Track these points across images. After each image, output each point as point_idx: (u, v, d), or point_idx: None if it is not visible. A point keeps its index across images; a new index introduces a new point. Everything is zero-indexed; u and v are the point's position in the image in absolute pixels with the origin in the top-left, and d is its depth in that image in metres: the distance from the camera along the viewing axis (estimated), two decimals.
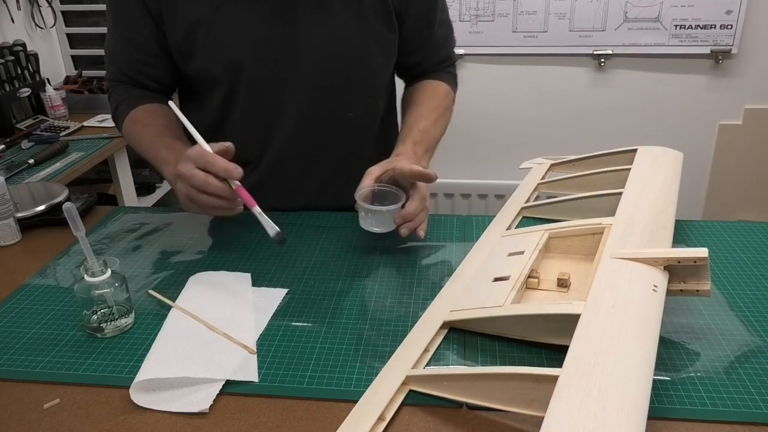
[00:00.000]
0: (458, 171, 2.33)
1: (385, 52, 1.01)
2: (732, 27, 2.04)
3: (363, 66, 0.99)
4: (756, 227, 0.95)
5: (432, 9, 1.03)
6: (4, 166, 1.57)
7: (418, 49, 1.06)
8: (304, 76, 0.96)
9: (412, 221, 0.85)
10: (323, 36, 0.94)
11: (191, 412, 0.61)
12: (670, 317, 0.73)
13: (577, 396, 0.50)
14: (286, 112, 0.99)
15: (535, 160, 1.15)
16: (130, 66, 1.01)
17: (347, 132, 1.03)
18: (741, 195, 2.28)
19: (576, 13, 2.08)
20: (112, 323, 0.73)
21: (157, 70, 1.01)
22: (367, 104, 1.04)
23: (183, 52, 0.96)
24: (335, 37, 0.95)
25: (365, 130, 1.06)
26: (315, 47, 0.95)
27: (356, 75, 0.99)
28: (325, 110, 1.00)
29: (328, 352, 0.69)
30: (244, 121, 1.00)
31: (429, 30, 1.05)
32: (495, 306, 0.69)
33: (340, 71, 0.98)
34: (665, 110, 2.19)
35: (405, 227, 0.85)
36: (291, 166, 1.04)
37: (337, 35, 0.95)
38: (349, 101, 1.01)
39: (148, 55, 0.99)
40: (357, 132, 1.05)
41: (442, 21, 1.07)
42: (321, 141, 1.02)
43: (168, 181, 0.90)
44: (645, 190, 0.85)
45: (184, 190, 0.81)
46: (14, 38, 2.02)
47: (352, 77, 0.99)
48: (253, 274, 0.85)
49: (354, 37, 0.96)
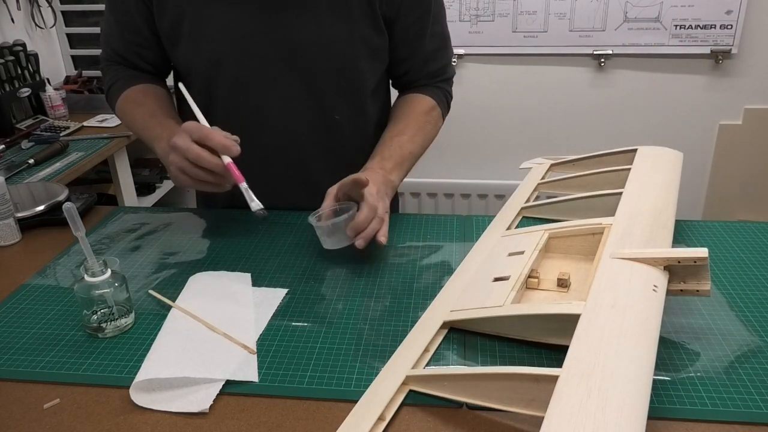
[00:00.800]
0: (458, 171, 2.33)
1: (373, 57, 1.00)
2: (732, 27, 2.04)
3: (349, 68, 0.99)
4: (756, 227, 0.95)
5: (423, 18, 1.01)
6: (4, 166, 1.57)
7: (407, 57, 1.05)
8: (290, 77, 0.96)
9: (365, 230, 0.82)
10: (310, 36, 0.94)
11: (191, 412, 0.61)
12: (670, 317, 0.73)
13: (577, 396, 0.50)
14: (270, 113, 0.99)
15: (535, 160, 1.15)
16: (125, 48, 1.03)
17: (334, 135, 1.03)
18: (741, 195, 2.28)
19: (576, 13, 2.08)
20: (112, 323, 0.73)
21: (150, 53, 1.03)
22: (355, 108, 1.03)
23: (170, 40, 0.98)
24: (322, 38, 0.95)
25: (354, 134, 1.05)
26: (301, 48, 0.95)
27: (343, 77, 0.99)
28: (311, 112, 1.00)
29: (328, 352, 0.69)
30: (226, 119, 0.99)
31: (419, 40, 1.03)
32: (495, 306, 0.69)
33: (326, 72, 0.97)
34: (665, 110, 2.19)
35: (360, 238, 0.81)
36: (277, 168, 1.04)
37: (324, 36, 0.95)
38: (334, 103, 1.00)
39: (142, 38, 1.01)
40: (345, 135, 1.04)
41: (435, 33, 1.04)
42: (307, 143, 1.02)
43: (160, 156, 0.91)
44: (645, 190, 0.85)
45: (177, 162, 0.82)
46: (14, 38, 2.02)
47: (339, 79, 0.99)
48: (253, 274, 0.85)
49: (341, 39, 0.95)
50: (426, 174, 2.28)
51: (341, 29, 0.95)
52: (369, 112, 1.07)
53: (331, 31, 0.94)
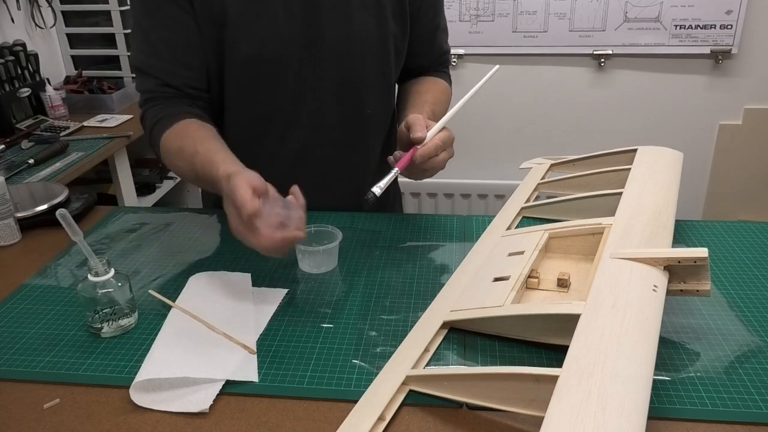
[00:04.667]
0: (458, 171, 2.33)
1: (398, 53, 1.04)
2: (732, 27, 2.04)
3: (382, 63, 1.01)
4: (756, 227, 0.95)
5: (438, 14, 1.07)
6: (4, 166, 1.57)
7: (423, 52, 1.09)
8: (325, 74, 0.97)
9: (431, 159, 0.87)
10: (344, 34, 0.96)
11: (191, 412, 0.61)
12: (670, 317, 0.73)
13: (577, 396, 0.50)
14: (303, 111, 1.00)
15: (535, 160, 1.15)
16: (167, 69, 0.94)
17: (365, 130, 1.05)
18: (741, 195, 2.28)
19: (576, 13, 2.08)
20: (114, 323, 0.73)
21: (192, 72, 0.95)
22: (383, 101, 1.06)
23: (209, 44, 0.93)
24: (355, 35, 0.96)
25: (381, 128, 1.08)
26: (336, 44, 0.96)
27: (375, 72, 1.01)
28: (343, 108, 1.01)
29: (328, 352, 0.69)
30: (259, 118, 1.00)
31: (434, 35, 1.09)
32: (495, 306, 0.69)
33: (360, 69, 0.99)
34: (665, 110, 2.19)
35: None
36: (309, 166, 1.04)
37: (357, 33, 0.96)
38: (368, 99, 1.02)
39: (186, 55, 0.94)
40: (374, 130, 1.07)
41: (444, 26, 1.11)
42: (340, 138, 1.03)
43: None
44: (645, 190, 0.85)
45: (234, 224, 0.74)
46: (14, 38, 2.02)
47: (372, 74, 1.01)
48: (253, 274, 0.85)
49: (373, 36, 0.98)
50: None
51: (373, 26, 0.97)
52: (392, 106, 1.10)
53: (366, 30, 0.97)
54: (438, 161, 0.89)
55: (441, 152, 0.89)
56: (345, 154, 1.05)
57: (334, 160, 1.04)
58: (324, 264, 0.86)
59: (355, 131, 1.04)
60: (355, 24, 0.96)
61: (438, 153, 0.88)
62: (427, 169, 0.89)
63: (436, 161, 0.88)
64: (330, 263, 0.86)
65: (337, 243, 0.85)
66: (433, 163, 0.88)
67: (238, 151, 0.85)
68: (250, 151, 1.01)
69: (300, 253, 0.86)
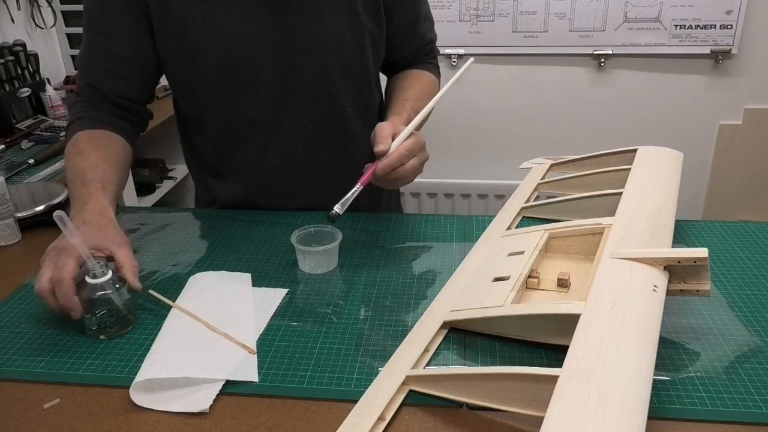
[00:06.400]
0: (458, 171, 2.33)
1: (375, 48, 1.02)
2: (732, 27, 2.04)
3: (358, 61, 1.00)
4: (756, 227, 0.95)
5: (418, 3, 1.06)
6: (4, 166, 1.57)
7: (404, 44, 1.08)
8: (301, 76, 0.97)
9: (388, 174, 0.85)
10: (318, 34, 0.95)
11: (191, 412, 0.61)
12: (670, 317, 0.73)
13: (577, 396, 0.50)
14: (283, 114, 0.99)
15: (535, 160, 1.15)
16: (100, 75, 0.96)
17: (345, 129, 1.04)
18: (741, 195, 2.28)
19: (576, 13, 2.08)
20: (114, 324, 0.73)
21: (126, 83, 0.97)
22: (363, 99, 1.05)
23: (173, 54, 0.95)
24: (329, 34, 0.95)
25: (362, 126, 1.06)
26: (309, 43, 0.95)
27: (352, 70, 1.00)
28: (323, 108, 1.00)
29: (328, 352, 0.69)
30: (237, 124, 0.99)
31: (414, 25, 1.07)
32: (495, 306, 0.69)
33: (336, 68, 0.98)
34: (665, 110, 2.19)
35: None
36: (293, 168, 1.04)
37: (332, 32, 0.95)
38: (346, 97, 1.02)
39: (121, 65, 0.95)
40: (354, 128, 1.05)
41: (426, 15, 1.10)
42: (322, 138, 1.03)
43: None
44: (645, 190, 0.85)
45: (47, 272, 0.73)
46: (14, 38, 2.01)
47: (349, 73, 1.00)
48: (253, 274, 0.85)
49: (347, 33, 0.97)
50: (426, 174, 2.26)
51: (346, 23, 0.96)
52: (374, 102, 1.09)
53: (338, 26, 0.96)
54: (406, 170, 0.86)
55: (408, 160, 0.86)
56: (330, 154, 1.04)
57: (319, 160, 1.04)
58: (324, 264, 0.86)
59: (337, 130, 1.03)
60: (326, 21, 0.95)
61: (404, 162, 0.86)
62: (398, 179, 0.87)
63: (404, 170, 0.86)
64: (330, 263, 0.86)
65: (337, 243, 0.85)
66: (401, 172, 0.86)
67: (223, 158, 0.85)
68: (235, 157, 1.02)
69: (300, 253, 0.86)
